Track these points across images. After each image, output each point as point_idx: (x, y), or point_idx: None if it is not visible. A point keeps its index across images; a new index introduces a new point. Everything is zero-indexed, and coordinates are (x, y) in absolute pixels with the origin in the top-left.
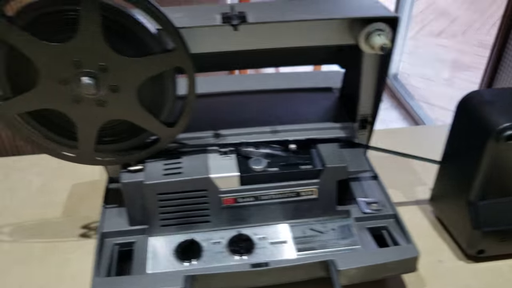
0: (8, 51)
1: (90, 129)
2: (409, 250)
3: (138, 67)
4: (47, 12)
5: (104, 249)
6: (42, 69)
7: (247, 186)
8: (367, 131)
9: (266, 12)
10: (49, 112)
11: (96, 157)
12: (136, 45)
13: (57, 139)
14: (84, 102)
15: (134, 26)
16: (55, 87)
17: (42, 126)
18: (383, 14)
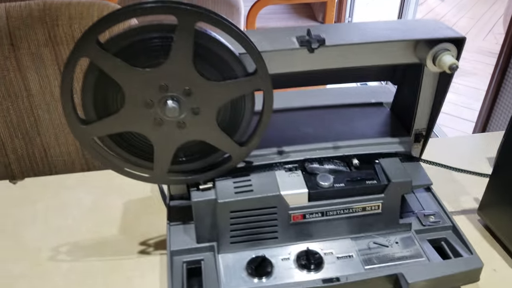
0: (97, 76)
1: (167, 151)
2: (474, 261)
3: (221, 91)
4: (139, 39)
5: (174, 268)
6: (129, 94)
7: (315, 202)
8: (421, 145)
9: (339, 35)
10: (128, 134)
11: (170, 177)
12: (220, 69)
13: (133, 160)
14: (165, 125)
15: (220, 51)
16: (140, 110)
17: (120, 147)
18: (451, 35)
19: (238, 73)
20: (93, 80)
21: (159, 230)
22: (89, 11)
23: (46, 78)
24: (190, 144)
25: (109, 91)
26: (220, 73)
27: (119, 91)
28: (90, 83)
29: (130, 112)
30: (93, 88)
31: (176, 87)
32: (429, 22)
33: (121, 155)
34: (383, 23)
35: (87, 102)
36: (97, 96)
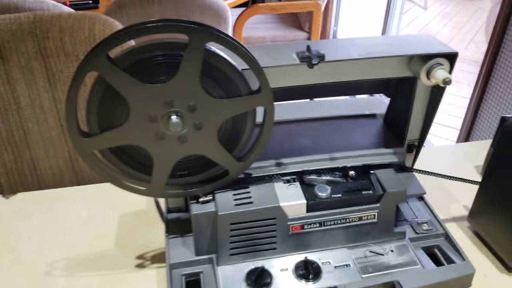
0: (104, 90)
1: (166, 164)
2: (466, 267)
3: (224, 108)
4: (149, 56)
5: (173, 281)
6: (135, 108)
7: (314, 213)
8: (413, 155)
9: (338, 50)
10: (127, 147)
11: (167, 191)
12: (225, 87)
13: (131, 173)
14: (167, 139)
15: (225, 68)
16: (143, 124)
17: (118, 160)
18: (444, 50)
19: (242, 91)
20: (99, 94)
21: (156, 243)
22: (80, 23)
23: (36, 91)
24: (188, 158)
25: (114, 105)
26: (224, 90)
27: (124, 105)
28: (96, 96)
29: (133, 126)
30: (99, 101)
31: (181, 103)
32: (423, 37)
33: (120, 167)
34: (379, 39)
35: (91, 115)
36: (101, 109)
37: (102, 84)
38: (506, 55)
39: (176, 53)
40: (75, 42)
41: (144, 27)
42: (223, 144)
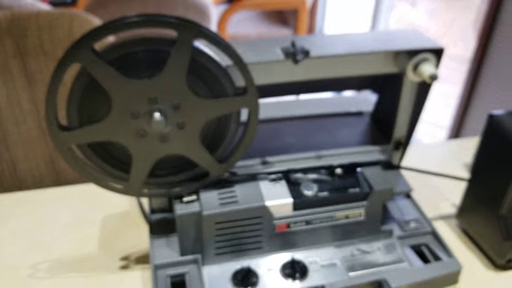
0: (87, 84)
1: (146, 163)
2: (453, 264)
3: (209, 108)
4: (135, 51)
5: (158, 282)
6: (117, 103)
7: (300, 212)
8: (400, 152)
9: (323, 46)
10: (106, 143)
11: (144, 190)
12: (211, 86)
13: (109, 170)
14: (148, 137)
15: (213, 68)
16: (125, 120)
17: (97, 156)
18: (431, 45)
19: (228, 91)
20: (81, 87)
21: (140, 244)
22: (59, 21)
23: (14, 91)
24: (168, 158)
25: (96, 100)
26: (210, 90)
27: (106, 100)
28: (78, 89)
29: (114, 121)
30: (81, 95)
31: (166, 101)
32: (409, 32)
33: (98, 164)
34: (365, 34)
35: (72, 109)
36: (83, 103)
37: (85, 77)
38: (494, 52)
39: (163, 49)
40: (54, 41)
41: (132, 20)
42: (206, 145)
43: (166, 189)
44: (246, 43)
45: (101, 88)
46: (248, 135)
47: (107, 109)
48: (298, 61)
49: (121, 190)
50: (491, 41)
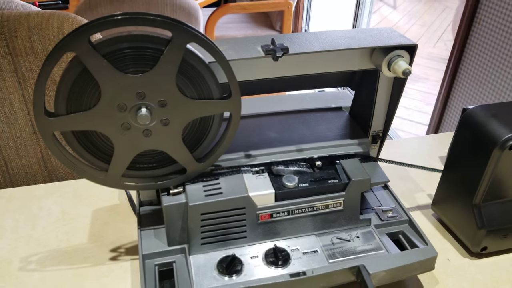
0: (75, 137)
1: (127, 155)
2: (429, 251)
3: (194, 108)
4: (129, 46)
5: (146, 271)
6: (106, 95)
7: (282, 202)
8: (378, 146)
9: (302, 43)
10: (91, 133)
11: (122, 181)
12: (198, 88)
13: (90, 159)
14: (132, 130)
15: (203, 71)
16: (111, 112)
17: (79, 144)
18: (404, 42)
19: (214, 94)
20: (73, 75)
21: (129, 236)
22: (49, 22)
23: (6, 90)
24: (149, 152)
25: (86, 89)
26: (197, 91)
27: (95, 91)
28: (69, 77)
29: (101, 112)
30: (71, 83)
31: (153, 97)
32: (384, 30)
33: (79, 152)
34: (342, 32)
35: (61, 96)
36: (72, 91)
37: (78, 66)
38: (472, 51)
39: (156, 47)
40: (44, 41)
41: (132, 17)
42: (186, 143)
43: (143, 183)
44: (227, 40)
45: (92, 79)
46: (227, 138)
47: (95, 100)
48: (278, 57)
49: (100, 180)
50: (468, 40)
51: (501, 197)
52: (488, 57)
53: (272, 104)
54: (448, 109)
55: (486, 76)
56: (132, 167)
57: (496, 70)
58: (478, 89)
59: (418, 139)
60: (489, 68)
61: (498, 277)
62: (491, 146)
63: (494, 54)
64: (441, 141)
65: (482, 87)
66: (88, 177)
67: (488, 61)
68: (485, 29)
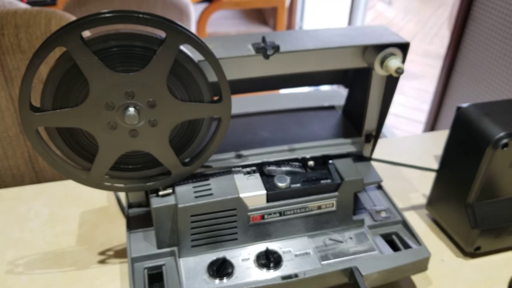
0: (59, 133)
1: (111, 155)
2: (422, 251)
3: (183, 110)
4: (121, 44)
5: (135, 274)
6: (94, 92)
7: (273, 203)
8: (371, 145)
9: (293, 41)
10: (76, 130)
11: (104, 182)
12: (189, 90)
13: (73, 158)
14: (118, 130)
15: (195, 73)
16: (99, 110)
17: (63, 141)
18: (396, 40)
19: (204, 97)
20: (62, 71)
21: (118, 238)
22: (36, 19)
23: None
24: (134, 154)
25: (74, 86)
26: (187, 93)
27: (84, 88)
28: (58, 73)
29: (88, 109)
30: (60, 79)
31: (143, 97)
32: (377, 28)
33: (63, 150)
34: (334, 30)
35: (48, 91)
36: (60, 87)
37: (67, 62)
38: (467, 48)
39: (149, 47)
40: (31, 39)
41: (125, 15)
42: (173, 146)
43: (125, 185)
44: (217, 38)
45: (80, 75)
46: (215, 142)
47: (83, 97)
48: (269, 56)
49: (82, 180)
50: (463, 37)
51: (495, 197)
52: (483, 54)
53: (264, 103)
54: (444, 106)
55: (481, 74)
56: (115, 167)
57: (491, 67)
58: (474, 86)
59: (413, 137)
60: (484, 65)
61: (492, 276)
62: (484, 145)
63: (489, 51)
64: (437, 139)
65: (477, 84)
66: (70, 175)
67: (483, 59)
68: (480, 26)
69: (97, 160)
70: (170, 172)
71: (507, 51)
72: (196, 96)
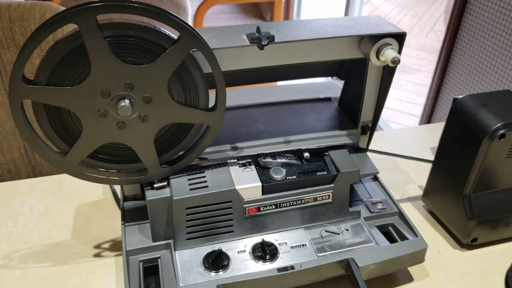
0: (46, 111)
1: (93, 143)
2: (419, 243)
3: (177, 112)
4: (133, 35)
5: (130, 267)
6: (94, 76)
7: (269, 195)
8: (367, 137)
9: (288, 32)
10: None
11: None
12: (188, 95)
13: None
14: (107, 119)
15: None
16: (93, 95)
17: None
18: (392, 30)
19: (200, 104)
20: (66, 48)
21: (113, 232)
22: (31, 13)
23: None
24: (116, 145)
25: (75, 66)
26: (185, 97)
27: (84, 70)
28: (62, 49)
29: (82, 92)
30: (62, 56)
31: (140, 91)
32: (372, 18)
33: (45, 128)
34: (330, 20)
35: (46, 65)
36: (60, 64)
37: (75, 41)
38: (463, 41)
39: (160, 43)
40: (26, 33)
41: (148, 9)
42: (157, 145)
43: (100, 175)
44: (211, 29)
45: (85, 57)
46: (198, 148)
47: (80, 79)
48: (264, 46)
49: (56, 162)
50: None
51: (491, 188)
52: (479, 47)
53: (260, 95)
54: (440, 100)
55: (477, 66)
56: (93, 156)
57: (487, 60)
58: (470, 79)
59: (409, 130)
60: (480, 58)
61: (488, 268)
62: (481, 135)
63: (485, 44)
64: (432, 131)
65: (473, 78)
66: (45, 156)
67: (479, 51)
68: (476, 19)
69: (77, 144)
70: (146, 170)
71: (503, 43)
72: (192, 101)
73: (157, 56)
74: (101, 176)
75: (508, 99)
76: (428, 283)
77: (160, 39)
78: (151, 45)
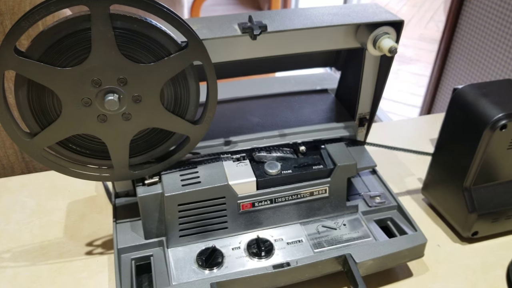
0: (28, 86)
1: (67, 130)
2: (418, 237)
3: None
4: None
5: (122, 266)
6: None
7: (264, 190)
8: (365, 129)
9: (281, 21)
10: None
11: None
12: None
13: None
14: (89, 109)
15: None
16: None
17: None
18: (390, 18)
19: (187, 116)
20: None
21: (107, 229)
22: (21, 6)
23: None
24: (90, 138)
25: (73, 49)
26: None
27: (81, 55)
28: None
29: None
30: (63, 35)
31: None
32: (369, 6)
33: (21, 105)
34: (325, 8)
35: (43, 41)
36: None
37: (79, 24)
38: (463, 30)
39: (167, 47)
40: None
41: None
42: (132, 146)
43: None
44: (202, 19)
45: (86, 42)
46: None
47: (73, 63)
48: (256, 36)
49: (22, 142)
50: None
51: (492, 180)
52: (479, 36)
53: (254, 87)
54: (440, 90)
55: (478, 56)
56: (62, 144)
57: (487, 50)
58: (470, 69)
59: (408, 121)
60: (481, 47)
61: (489, 262)
62: (482, 126)
63: (485, 33)
64: (432, 122)
65: (473, 67)
66: (12, 135)
67: (479, 41)
68: (476, 8)
69: (50, 128)
70: (112, 169)
71: (503, 32)
72: (180, 111)
73: (159, 58)
74: (63, 165)
75: (509, 88)
76: (428, 278)
77: (167, 43)
78: (157, 46)
